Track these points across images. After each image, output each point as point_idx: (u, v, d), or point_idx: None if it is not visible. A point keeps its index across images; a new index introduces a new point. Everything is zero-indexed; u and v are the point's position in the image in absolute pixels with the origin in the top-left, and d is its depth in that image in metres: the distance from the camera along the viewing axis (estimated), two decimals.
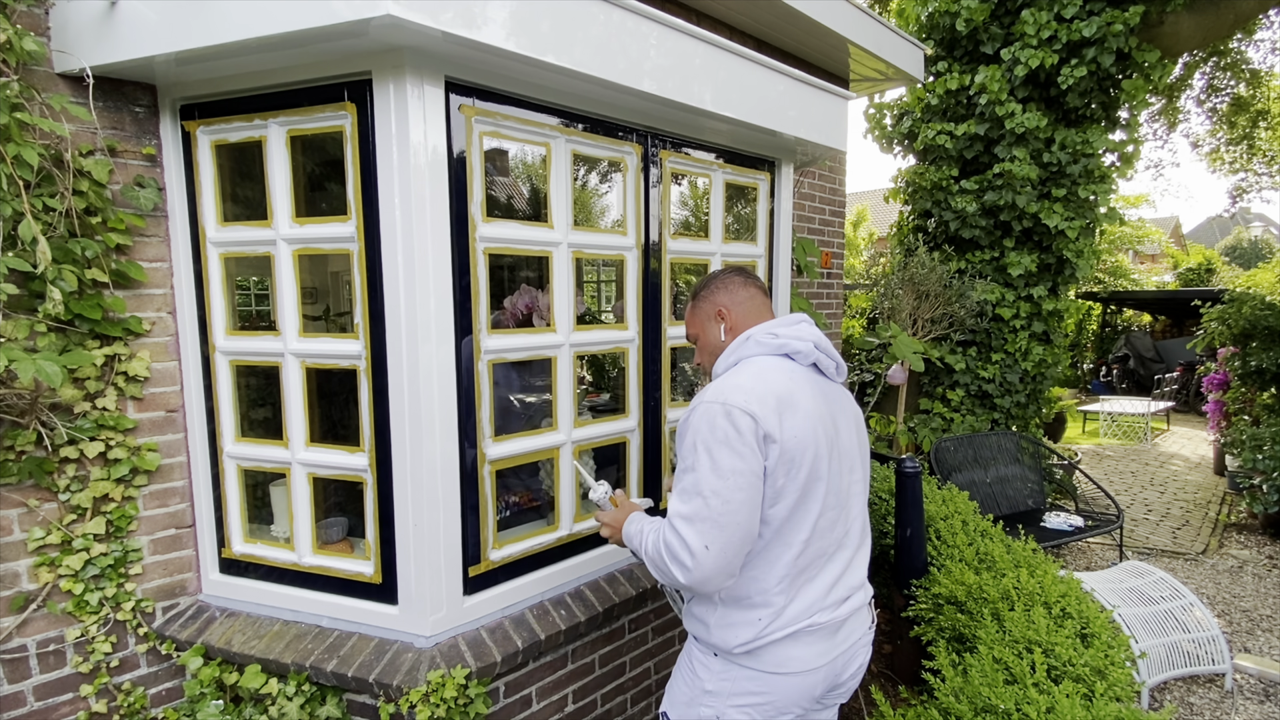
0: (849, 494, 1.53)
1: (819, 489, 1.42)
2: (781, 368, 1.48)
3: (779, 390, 1.39)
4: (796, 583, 1.44)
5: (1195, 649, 3.30)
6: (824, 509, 1.44)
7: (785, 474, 1.37)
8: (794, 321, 1.57)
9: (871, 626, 1.62)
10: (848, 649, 1.54)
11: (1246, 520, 5.83)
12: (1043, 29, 4.94)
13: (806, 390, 1.45)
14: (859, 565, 1.57)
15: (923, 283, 5.00)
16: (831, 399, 1.54)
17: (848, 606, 1.51)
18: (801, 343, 1.51)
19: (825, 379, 1.57)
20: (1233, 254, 22.92)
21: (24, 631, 1.75)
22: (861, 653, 1.59)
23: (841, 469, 1.50)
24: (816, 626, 1.45)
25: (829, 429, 1.46)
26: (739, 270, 1.68)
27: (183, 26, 1.55)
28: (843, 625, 1.52)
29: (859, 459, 1.59)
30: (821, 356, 1.53)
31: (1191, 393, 11.45)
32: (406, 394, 1.75)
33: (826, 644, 1.49)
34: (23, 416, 1.65)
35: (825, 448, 1.43)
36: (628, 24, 1.85)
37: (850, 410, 1.61)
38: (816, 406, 1.45)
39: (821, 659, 1.47)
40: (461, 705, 1.76)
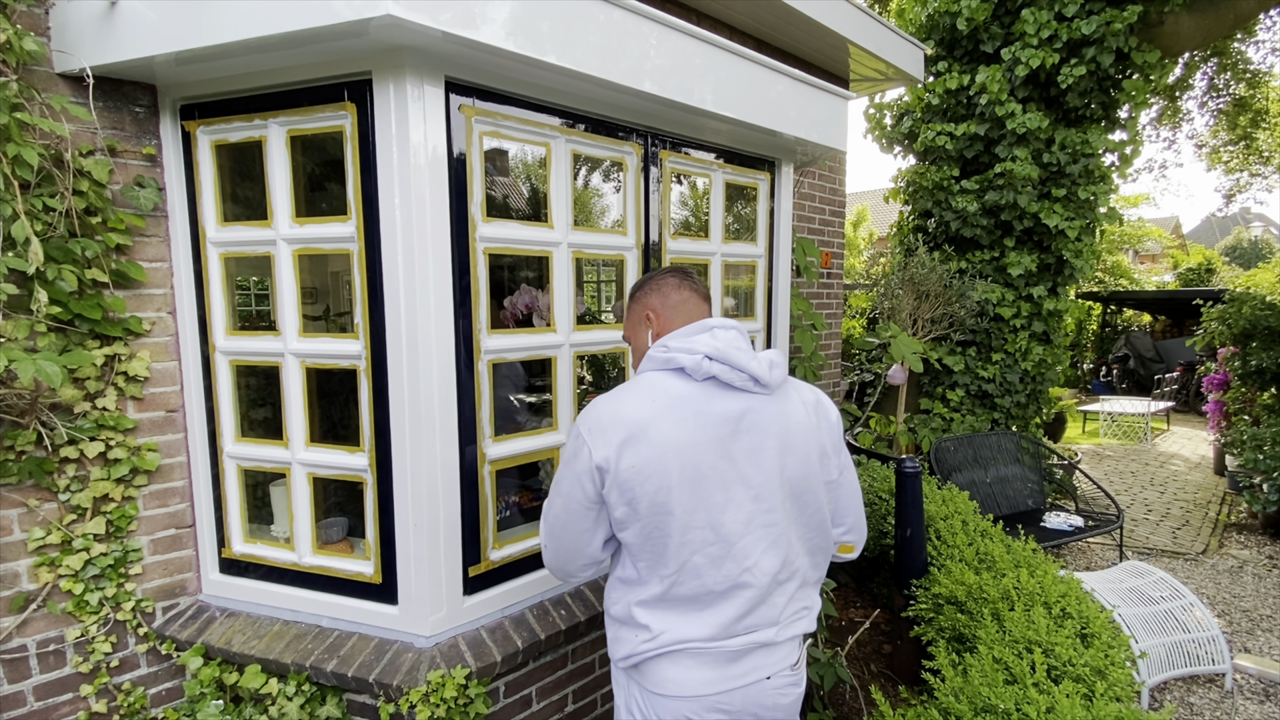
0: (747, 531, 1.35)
1: (671, 524, 1.31)
2: (662, 387, 1.36)
3: (633, 417, 1.31)
4: (669, 615, 1.37)
5: (1195, 649, 3.30)
6: (689, 545, 1.32)
7: (623, 505, 1.32)
8: (696, 330, 1.42)
9: (796, 665, 1.47)
10: (749, 685, 1.39)
11: (1246, 520, 5.83)
12: (1043, 28, 4.94)
13: (677, 414, 1.32)
14: (771, 605, 1.40)
15: (923, 283, 5.00)
16: (738, 419, 1.35)
17: (744, 641, 1.38)
18: (690, 356, 1.35)
19: (741, 393, 1.37)
20: (1233, 254, 22.92)
21: (24, 631, 1.75)
22: (779, 698, 1.44)
23: (729, 504, 1.34)
24: (699, 650, 1.36)
25: (702, 460, 1.31)
26: (676, 270, 1.56)
27: (182, 26, 1.55)
28: (742, 657, 1.38)
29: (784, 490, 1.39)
30: (722, 369, 1.35)
31: (1191, 393, 11.45)
32: (406, 394, 1.76)
33: (714, 672, 1.37)
34: (23, 416, 1.65)
35: (684, 481, 1.30)
36: (628, 24, 1.85)
37: (766, 425, 1.38)
38: (685, 435, 1.31)
39: (708, 687, 1.36)
40: (461, 705, 1.76)
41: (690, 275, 1.56)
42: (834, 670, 2.61)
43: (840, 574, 4.25)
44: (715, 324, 1.43)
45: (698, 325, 1.44)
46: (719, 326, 1.43)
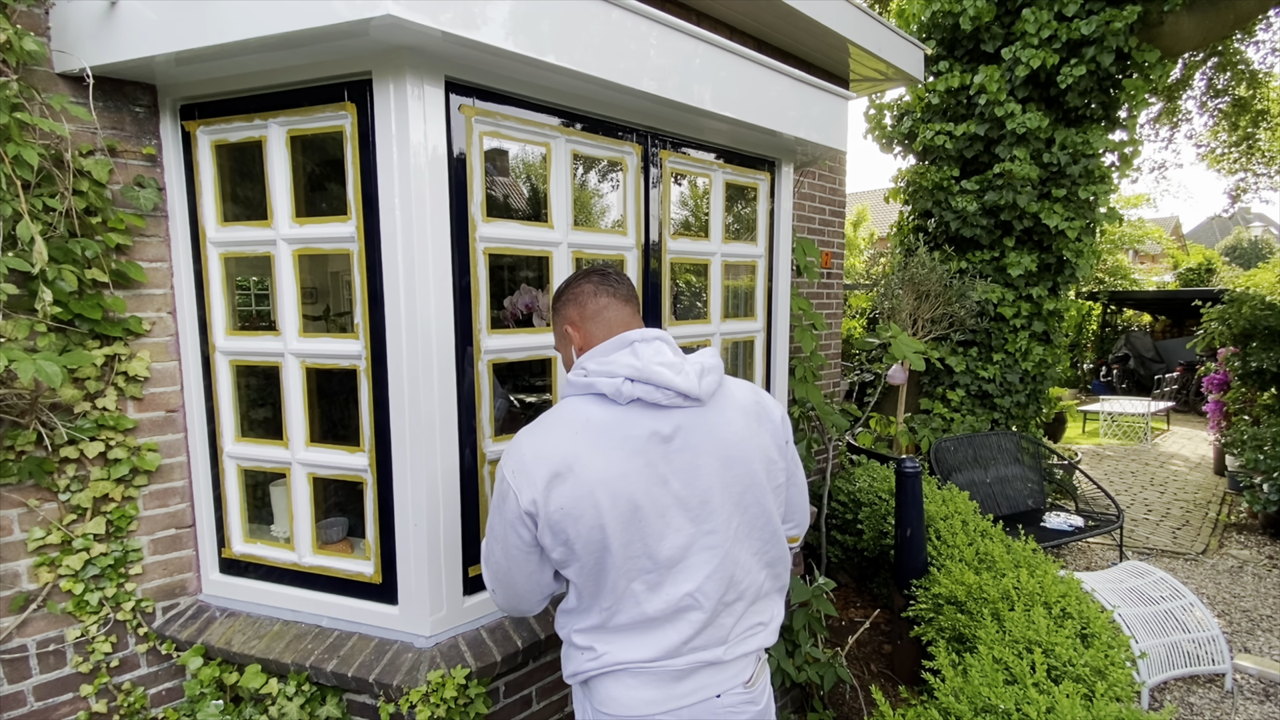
0: (688, 555, 1.30)
1: (607, 560, 1.26)
2: (583, 416, 1.27)
3: (555, 451, 1.24)
4: (612, 641, 1.33)
5: (1195, 649, 3.30)
6: (628, 575, 1.27)
7: (558, 546, 1.26)
8: (615, 348, 1.31)
9: (750, 683, 1.40)
10: (697, 704, 1.34)
11: (1246, 520, 5.83)
12: (1043, 28, 4.94)
13: (602, 444, 1.24)
14: (717, 627, 1.34)
15: (923, 283, 5.00)
16: (669, 440, 1.27)
17: (690, 660, 1.33)
18: (609, 380, 1.26)
19: (670, 410, 1.28)
20: (1233, 254, 22.92)
21: (24, 631, 1.75)
22: (725, 713, 1.38)
23: (666, 530, 1.27)
24: (641, 669, 1.31)
25: (634, 487, 1.24)
26: (594, 273, 1.42)
27: (183, 26, 1.55)
28: (687, 676, 1.33)
29: (726, 507, 1.32)
30: (646, 389, 1.25)
31: (1191, 393, 11.45)
32: (406, 394, 1.76)
33: (659, 691, 1.32)
34: (23, 416, 1.66)
35: (616, 516, 1.23)
36: (627, 24, 1.85)
37: (701, 442, 1.30)
38: (612, 467, 1.23)
39: (653, 707, 1.31)
40: (461, 705, 1.76)
41: (609, 277, 1.41)
42: (834, 670, 2.61)
43: (840, 574, 4.25)
44: (636, 337, 1.32)
45: (617, 341, 1.32)
46: (640, 340, 1.31)
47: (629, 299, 1.41)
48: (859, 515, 3.88)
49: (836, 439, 4.01)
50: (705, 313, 2.60)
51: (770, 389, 2.91)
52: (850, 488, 4.06)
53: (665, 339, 1.35)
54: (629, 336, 1.33)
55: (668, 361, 1.29)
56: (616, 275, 1.43)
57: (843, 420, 3.51)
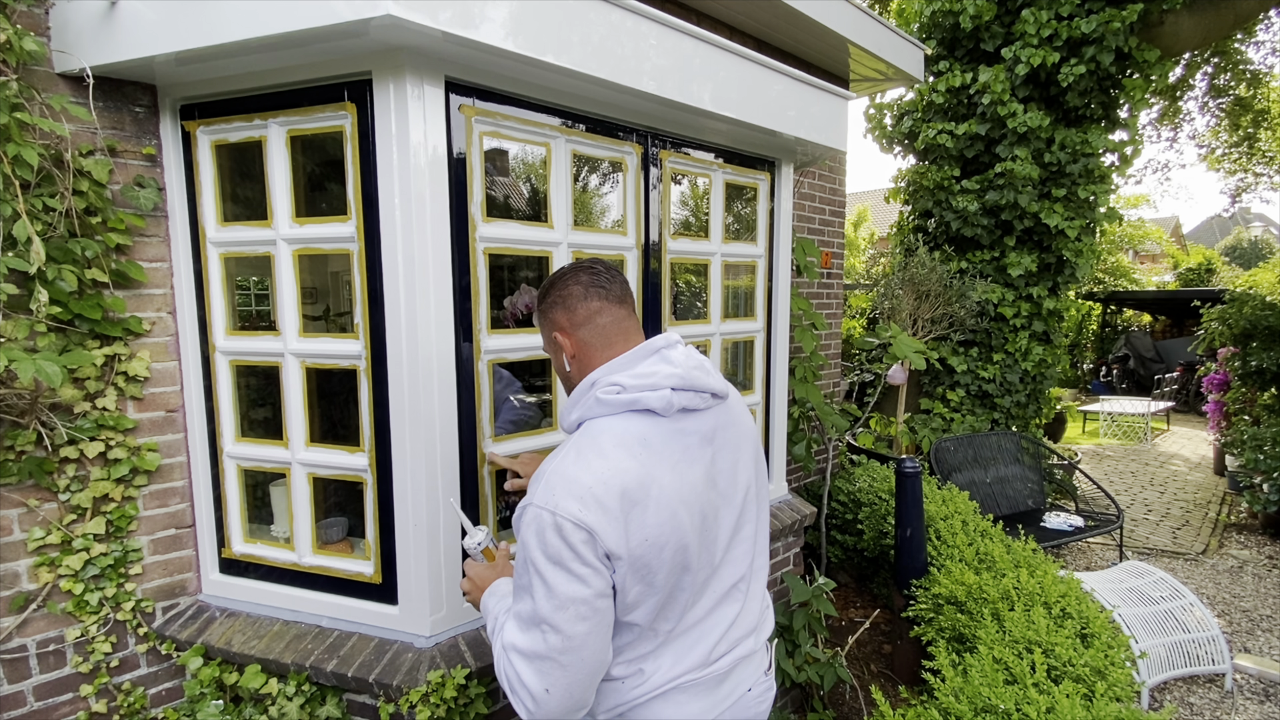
0: (730, 548, 1.30)
1: (686, 580, 1.21)
2: (632, 435, 1.16)
3: (625, 481, 1.11)
4: (661, 660, 1.24)
5: (1195, 649, 3.30)
6: (695, 591, 1.24)
7: (637, 585, 1.14)
8: (642, 357, 1.23)
9: (769, 670, 1.43)
10: (734, 704, 1.34)
11: (1246, 520, 5.83)
12: (1043, 28, 4.94)
13: (667, 459, 1.17)
14: (748, 613, 1.35)
15: (923, 283, 5.00)
16: (711, 441, 1.26)
17: (731, 658, 1.31)
18: (656, 395, 1.17)
19: (704, 412, 1.25)
20: (1233, 254, 22.92)
21: (24, 631, 1.75)
22: (754, 705, 1.39)
23: (720, 531, 1.27)
24: (689, 683, 1.25)
25: (701, 497, 1.21)
26: (583, 270, 1.29)
27: (183, 26, 1.55)
28: (726, 678, 1.31)
29: (751, 494, 1.33)
30: (690, 398, 1.20)
31: (1191, 393, 11.45)
32: (406, 394, 1.76)
33: (705, 701, 1.28)
34: (23, 416, 1.65)
35: (695, 531, 1.19)
36: (627, 24, 1.85)
37: (735, 436, 1.31)
38: (680, 479, 1.17)
39: (702, 714, 1.28)
40: (461, 705, 1.76)
41: (599, 275, 1.28)
42: (834, 670, 2.61)
43: (840, 574, 4.25)
44: (662, 344, 1.25)
45: (641, 350, 1.23)
46: (666, 346, 1.24)
47: (623, 299, 1.29)
48: (859, 515, 3.88)
49: (836, 439, 4.01)
50: (705, 313, 2.60)
51: (770, 389, 2.91)
52: (850, 488, 4.06)
53: (683, 343, 1.31)
54: (654, 344, 1.25)
55: (699, 364, 1.25)
56: (608, 272, 1.30)
57: (843, 420, 3.51)
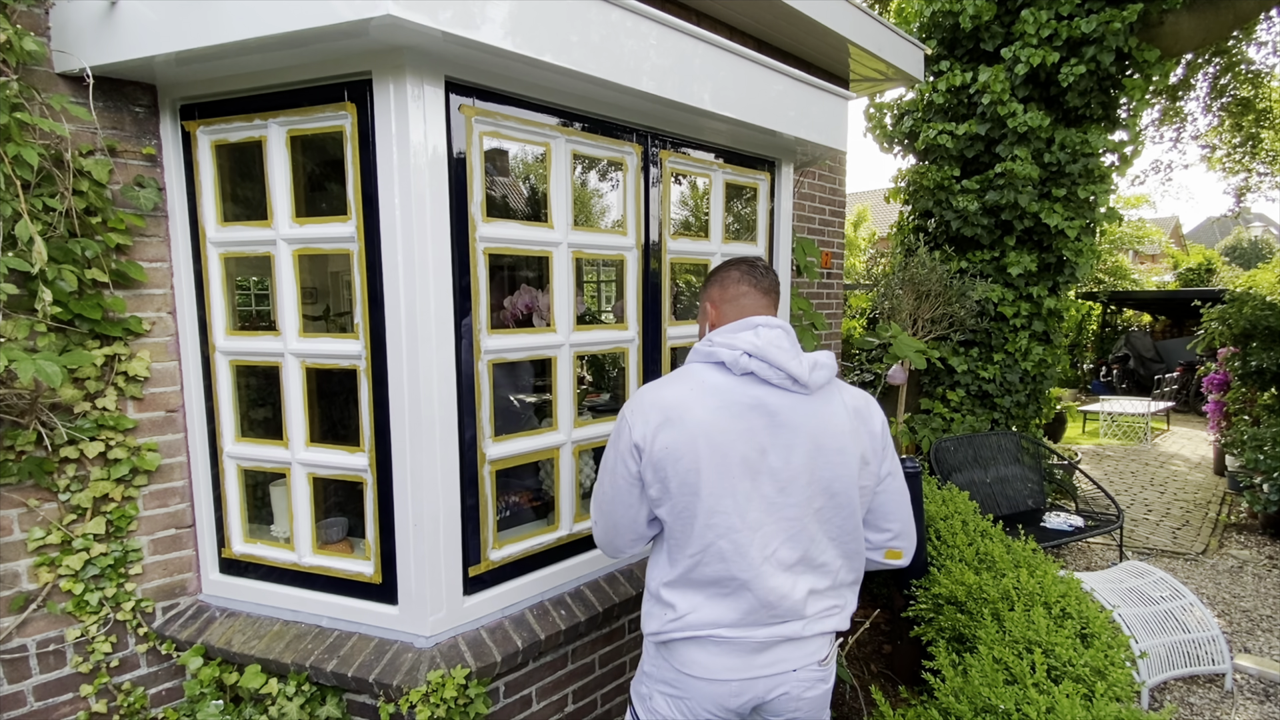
0: (766, 519, 1.41)
1: (697, 506, 1.39)
2: (700, 377, 1.44)
3: (670, 400, 1.41)
4: (695, 596, 1.44)
5: (1195, 649, 3.30)
6: (714, 528, 1.39)
7: (656, 482, 1.41)
8: (741, 328, 1.47)
9: (824, 664, 1.51)
10: (775, 676, 1.45)
11: (1246, 520, 5.83)
12: (1043, 28, 4.94)
13: (712, 401, 1.39)
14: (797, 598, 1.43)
15: (923, 283, 5.00)
16: (773, 415, 1.40)
17: (775, 632, 1.43)
18: (730, 351, 1.41)
19: (779, 390, 1.41)
20: (1233, 254, 22.93)
21: (24, 631, 1.75)
22: (804, 690, 1.48)
23: (749, 487, 1.39)
24: (723, 639, 1.43)
25: (729, 444, 1.37)
26: (742, 262, 1.58)
27: (183, 26, 1.55)
28: (767, 649, 1.45)
29: (805, 485, 1.42)
30: (760, 365, 1.40)
31: (1191, 393, 11.45)
32: (406, 394, 1.76)
33: (739, 660, 1.44)
34: (23, 416, 1.65)
35: (711, 465, 1.37)
36: (627, 24, 1.85)
37: (812, 428, 1.42)
38: (716, 421, 1.38)
39: (733, 674, 1.44)
40: (461, 705, 1.76)
41: (755, 267, 1.57)
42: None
43: None
44: (760, 322, 1.47)
45: (744, 323, 1.48)
46: (764, 325, 1.46)
47: (768, 291, 1.56)
48: None
49: None
50: None
51: None
52: None
53: (786, 329, 1.48)
54: (755, 320, 1.48)
55: (783, 346, 1.43)
56: (764, 269, 1.58)
57: None
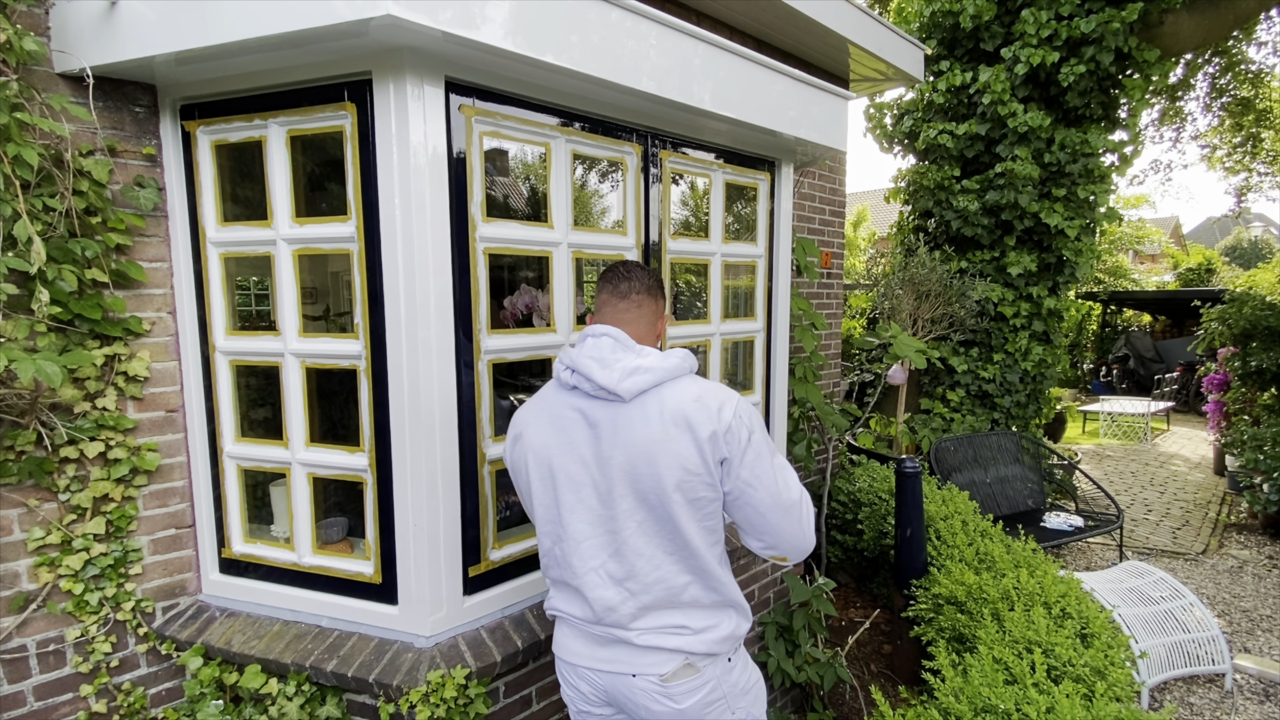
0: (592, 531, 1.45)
1: (535, 514, 1.55)
2: (544, 394, 1.57)
3: (520, 418, 1.58)
4: (554, 588, 1.60)
5: (1195, 649, 3.30)
6: (549, 535, 1.53)
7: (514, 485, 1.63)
8: (578, 340, 1.53)
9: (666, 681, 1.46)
10: (615, 675, 1.49)
11: (1246, 520, 5.83)
12: (1043, 27, 4.94)
13: (543, 417, 1.52)
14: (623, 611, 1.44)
15: (923, 283, 5.00)
16: (595, 426, 1.43)
17: (609, 631, 1.48)
18: (559, 366, 1.53)
19: (599, 401, 1.44)
20: (1233, 254, 22.92)
21: (24, 631, 1.75)
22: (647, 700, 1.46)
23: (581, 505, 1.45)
24: (573, 622, 1.54)
25: (553, 457, 1.48)
26: (613, 267, 1.60)
27: (183, 26, 1.55)
28: (606, 644, 1.51)
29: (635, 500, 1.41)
30: (578, 378, 1.45)
31: (1191, 393, 11.45)
32: (406, 394, 1.76)
33: (585, 647, 1.53)
34: (23, 416, 1.65)
35: (539, 478, 1.50)
36: (627, 24, 1.85)
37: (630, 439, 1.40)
38: (541, 438, 1.50)
39: (580, 658, 1.54)
40: (461, 705, 1.76)
41: (615, 275, 1.56)
42: (834, 670, 2.61)
43: (840, 574, 4.25)
44: (592, 331, 1.50)
45: (582, 333, 1.53)
46: (593, 334, 1.49)
47: (627, 294, 1.54)
48: (859, 515, 3.88)
49: (836, 439, 4.01)
50: (705, 313, 2.60)
51: (770, 389, 2.91)
52: (850, 488, 4.06)
53: (613, 334, 1.48)
54: (592, 329, 1.51)
55: (598, 356, 1.44)
56: (624, 273, 1.57)
57: (843, 420, 3.51)
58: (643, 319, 1.55)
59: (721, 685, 1.51)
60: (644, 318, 1.55)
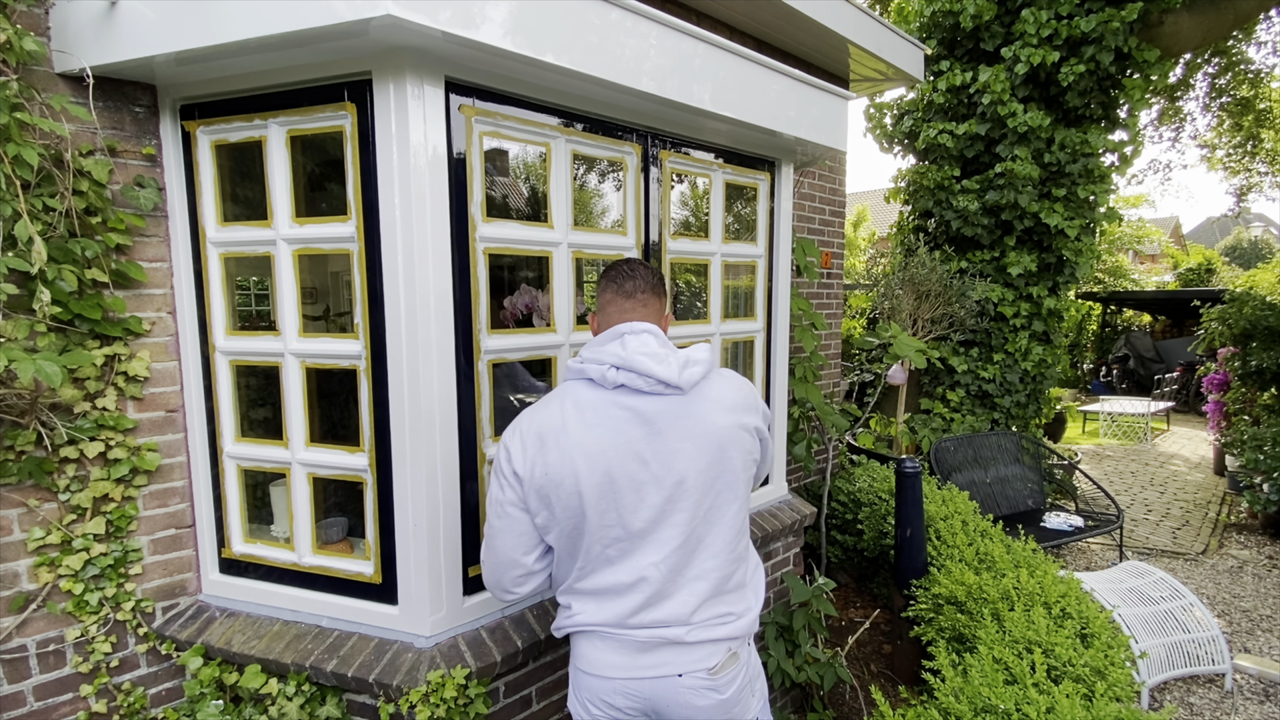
0: (654, 528, 1.41)
1: (584, 525, 1.40)
2: (574, 396, 1.44)
3: (547, 425, 1.41)
4: (584, 600, 1.48)
5: (1195, 649, 3.30)
6: (601, 540, 1.41)
7: (543, 510, 1.41)
8: (607, 339, 1.46)
9: (714, 673, 1.46)
10: (658, 679, 1.44)
11: (1246, 520, 5.83)
12: (1043, 27, 4.95)
13: (588, 419, 1.40)
14: (683, 603, 1.44)
15: (923, 283, 5.00)
16: (649, 422, 1.40)
17: (656, 635, 1.43)
18: (596, 366, 1.42)
19: (653, 397, 1.41)
20: (1233, 254, 22.93)
21: (24, 631, 1.75)
22: (692, 697, 1.45)
23: (635, 501, 1.39)
24: (609, 634, 1.45)
25: (611, 460, 1.38)
26: (611, 268, 1.58)
27: (182, 26, 1.55)
28: (650, 650, 1.45)
29: (690, 488, 1.42)
30: (630, 376, 1.40)
31: (1191, 393, 11.45)
32: (406, 394, 1.76)
33: (624, 658, 1.45)
34: (23, 416, 1.65)
35: (594, 485, 1.37)
36: (626, 23, 1.85)
37: (687, 429, 1.42)
38: (592, 440, 1.38)
39: (619, 671, 1.45)
40: (461, 705, 1.76)
41: (619, 274, 1.55)
42: (834, 670, 2.61)
43: (840, 574, 4.25)
44: (626, 329, 1.47)
45: (610, 334, 1.48)
46: (630, 333, 1.46)
47: (634, 293, 1.53)
48: (859, 515, 3.88)
49: (836, 439, 4.01)
50: (705, 313, 2.60)
51: (770, 389, 2.91)
52: (850, 488, 4.06)
53: (653, 331, 1.48)
54: (621, 329, 1.47)
55: (651, 352, 1.42)
56: (630, 270, 1.56)
57: (843, 420, 3.51)
58: (650, 318, 1.54)
59: (750, 667, 1.58)
60: (650, 316, 1.54)
